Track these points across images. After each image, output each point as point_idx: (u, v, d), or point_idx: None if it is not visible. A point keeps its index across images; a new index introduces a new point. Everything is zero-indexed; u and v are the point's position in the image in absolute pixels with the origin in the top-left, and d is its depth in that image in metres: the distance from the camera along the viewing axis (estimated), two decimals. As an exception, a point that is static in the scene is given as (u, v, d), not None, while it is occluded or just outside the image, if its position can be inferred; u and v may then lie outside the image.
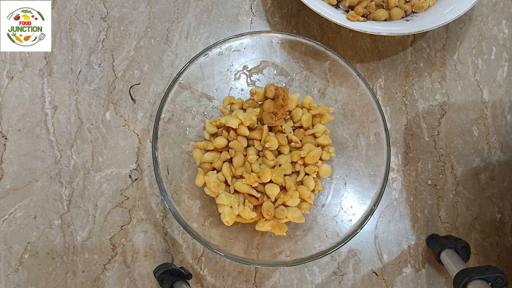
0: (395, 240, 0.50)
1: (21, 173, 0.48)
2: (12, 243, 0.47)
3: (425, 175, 0.52)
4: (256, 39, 0.46)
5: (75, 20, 0.53)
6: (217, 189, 0.43)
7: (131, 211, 0.48)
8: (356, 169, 0.46)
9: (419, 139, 0.53)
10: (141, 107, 0.51)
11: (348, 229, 0.42)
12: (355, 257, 0.49)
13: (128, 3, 0.54)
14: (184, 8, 0.55)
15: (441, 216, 0.51)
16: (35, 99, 0.51)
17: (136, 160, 0.50)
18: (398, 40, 0.55)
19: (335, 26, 0.55)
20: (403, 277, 0.49)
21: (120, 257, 0.47)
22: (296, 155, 0.44)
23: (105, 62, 0.52)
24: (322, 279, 0.48)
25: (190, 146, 0.46)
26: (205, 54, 0.44)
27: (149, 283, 0.47)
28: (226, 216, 0.41)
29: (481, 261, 0.50)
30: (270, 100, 0.44)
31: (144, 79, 0.52)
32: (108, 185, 0.49)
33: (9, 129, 0.49)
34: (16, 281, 0.46)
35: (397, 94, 0.54)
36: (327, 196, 0.47)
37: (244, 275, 0.48)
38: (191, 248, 0.48)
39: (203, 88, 0.47)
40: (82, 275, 0.46)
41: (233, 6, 0.56)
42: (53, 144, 0.49)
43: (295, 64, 0.49)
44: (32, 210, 0.47)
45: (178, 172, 0.44)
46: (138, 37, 0.53)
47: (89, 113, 0.51)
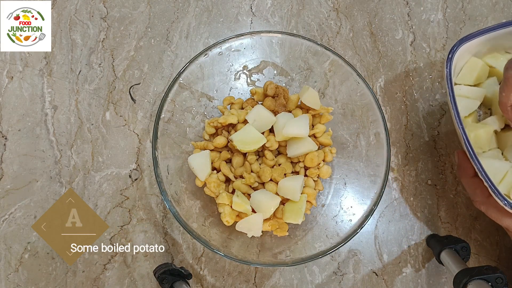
0: (395, 240, 0.50)
1: (21, 173, 0.48)
2: (12, 243, 0.47)
3: (425, 175, 0.52)
4: (256, 39, 0.46)
5: (75, 20, 0.53)
6: (217, 189, 0.43)
7: (131, 211, 0.48)
8: (356, 169, 0.46)
9: (419, 139, 0.53)
10: (141, 107, 0.51)
11: (348, 229, 0.42)
12: (355, 257, 0.49)
13: (128, 3, 0.54)
14: (184, 8, 0.55)
15: (441, 216, 0.51)
16: (35, 99, 0.51)
17: (136, 160, 0.50)
18: (398, 40, 0.55)
19: (335, 26, 0.55)
20: (403, 277, 0.49)
21: (120, 257, 0.47)
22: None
23: (105, 62, 0.52)
24: (322, 279, 0.48)
25: (190, 146, 0.46)
26: (205, 54, 0.44)
27: (149, 283, 0.47)
28: (226, 216, 0.41)
29: (481, 261, 0.50)
30: (270, 98, 0.44)
31: (144, 79, 0.52)
32: (108, 185, 0.49)
33: (9, 129, 0.49)
34: (16, 281, 0.46)
35: (397, 94, 0.54)
36: (327, 196, 0.47)
37: (244, 275, 0.48)
38: (191, 248, 0.48)
39: (203, 88, 0.47)
40: (82, 275, 0.46)
41: (233, 6, 0.56)
42: (53, 144, 0.49)
43: (295, 64, 0.49)
44: (32, 210, 0.47)
45: (178, 172, 0.44)
46: (138, 37, 0.53)
47: (89, 113, 0.51)
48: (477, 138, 0.45)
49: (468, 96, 0.48)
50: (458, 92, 0.47)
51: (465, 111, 0.48)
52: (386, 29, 0.56)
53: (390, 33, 0.55)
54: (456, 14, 0.57)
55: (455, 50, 0.43)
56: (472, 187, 0.43)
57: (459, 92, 0.48)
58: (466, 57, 0.48)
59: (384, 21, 0.56)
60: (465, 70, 0.48)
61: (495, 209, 0.41)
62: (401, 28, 0.56)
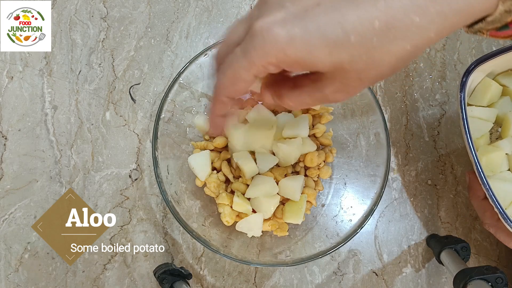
0: (395, 240, 0.50)
1: (21, 173, 0.48)
2: (12, 243, 0.47)
3: (425, 175, 0.52)
4: (256, 39, 0.46)
5: (75, 20, 0.53)
6: (217, 189, 0.43)
7: (131, 211, 0.48)
8: (356, 169, 0.46)
9: (419, 139, 0.53)
10: (141, 107, 0.51)
11: (348, 229, 0.42)
12: (355, 257, 0.49)
13: (128, 3, 0.54)
14: (184, 8, 0.55)
15: (441, 216, 0.51)
16: (35, 99, 0.51)
17: (136, 160, 0.50)
18: (398, 40, 0.55)
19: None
20: (403, 277, 0.49)
21: (120, 257, 0.47)
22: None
23: (105, 62, 0.52)
24: (322, 279, 0.48)
25: (190, 146, 0.46)
26: (205, 54, 0.44)
27: (149, 283, 0.47)
28: (226, 216, 0.41)
29: (481, 261, 0.50)
30: (270, 99, 0.44)
31: (144, 79, 0.52)
32: (108, 185, 0.49)
33: (9, 129, 0.49)
34: (16, 281, 0.46)
35: (397, 94, 0.54)
36: (327, 196, 0.47)
37: (244, 275, 0.48)
38: (191, 248, 0.48)
39: (203, 88, 0.47)
40: (82, 275, 0.46)
41: (233, 6, 0.56)
42: (53, 144, 0.49)
43: (295, 64, 0.48)
44: (32, 210, 0.47)
45: (178, 172, 0.44)
46: (138, 37, 0.53)
47: (89, 113, 0.51)
48: (488, 162, 0.45)
49: (481, 118, 0.47)
50: (470, 113, 0.46)
51: (477, 132, 0.47)
52: (386, 29, 0.56)
53: (390, 33, 0.55)
54: (456, 14, 0.57)
55: (469, 73, 0.42)
56: (482, 209, 0.44)
57: (472, 114, 0.47)
58: (479, 77, 0.47)
59: (384, 21, 0.56)
60: (478, 92, 0.47)
61: (504, 233, 0.42)
62: (401, 28, 0.56)
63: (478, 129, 0.47)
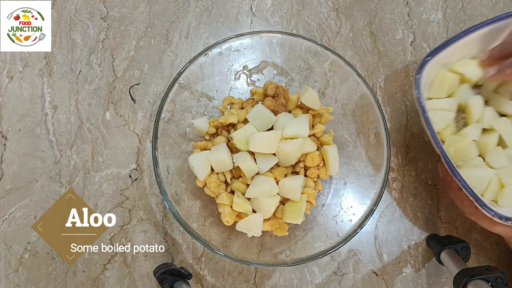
0: (395, 240, 0.50)
1: (21, 173, 0.48)
2: (12, 243, 0.47)
3: (425, 175, 0.52)
4: (256, 39, 0.46)
5: (75, 20, 0.53)
6: (217, 189, 0.43)
7: (131, 211, 0.48)
8: (356, 169, 0.46)
9: (419, 139, 0.53)
10: (141, 107, 0.51)
11: (348, 229, 0.42)
12: (355, 257, 0.49)
13: (128, 3, 0.54)
14: (184, 8, 0.55)
15: (441, 216, 0.51)
16: (35, 99, 0.51)
17: (136, 160, 0.50)
18: (398, 40, 0.55)
19: (335, 26, 0.55)
20: (403, 277, 0.49)
21: (120, 257, 0.47)
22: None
23: (105, 62, 0.52)
24: (322, 279, 0.48)
25: (190, 146, 0.46)
26: (205, 54, 0.44)
27: (149, 283, 0.47)
28: (226, 216, 0.41)
29: (481, 261, 0.50)
30: (270, 97, 0.44)
31: (144, 79, 0.52)
32: (108, 185, 0.49)
33: (9, 129, 0.49)
34: (16, 281, 0.46)
35: (397, 94, 0.54)
36: (327, 196, 0.47)
37: (244, 275, 0.48)
38: (191, 248, 0.48)
39: (203, 88, 0.47)
40: (82, 275, 0.46)
41: (233, 6, 0.56)
42: (53, 144, 0.49)
43: (295, 64, 0.49)
44: (32, 210, 0.47)
45: (178, 172, 0.44)
46: (138, 37, 0.53)
47: (89, 113, 0.51)
48: (457, 152, 0.45)
49: (443, 109, 0.47)
50: (431, 106, 0.47)
51: (441, 123, 0.47)
52: (386, 29, 0.56)
53: (390, 33, 0.55)
54: (456, 14, 0.57)
55: (421, 69, 0.43)
56: (459, 200, 0.44)
57: (433, 106, 0.47)
58: (435, 69, 0.47)
59: (384, 21, 0.56)
60: (435, 85, 0.48)
61: (484, 219, 0.42)
62: (401, 28, 0.56)
63: (442, 120, 0.47)
